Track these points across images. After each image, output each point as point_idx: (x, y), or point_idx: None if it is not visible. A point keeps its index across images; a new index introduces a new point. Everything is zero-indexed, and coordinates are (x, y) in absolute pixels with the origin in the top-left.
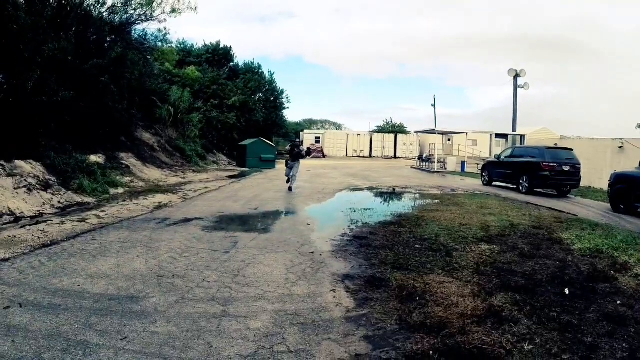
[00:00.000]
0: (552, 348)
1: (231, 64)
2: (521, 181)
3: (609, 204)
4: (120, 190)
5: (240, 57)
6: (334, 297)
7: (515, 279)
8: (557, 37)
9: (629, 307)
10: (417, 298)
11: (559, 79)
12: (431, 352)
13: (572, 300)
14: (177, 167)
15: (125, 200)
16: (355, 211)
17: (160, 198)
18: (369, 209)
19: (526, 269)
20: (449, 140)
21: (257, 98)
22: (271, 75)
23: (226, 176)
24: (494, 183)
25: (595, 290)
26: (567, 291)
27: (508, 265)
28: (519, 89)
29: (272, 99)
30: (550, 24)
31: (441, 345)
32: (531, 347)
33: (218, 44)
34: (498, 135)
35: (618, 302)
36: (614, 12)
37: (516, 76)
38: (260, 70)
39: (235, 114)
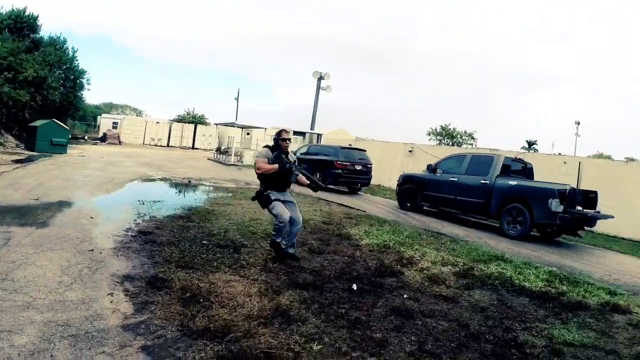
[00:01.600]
0: (342, 346)
1: (35, 35)
2: (315, 178)
3: (396, 202)
4: None
5: (47, 30)
6: (111, 302)
7: (304, 276)
8: (365, 47)
9: (415, 300)
10: (202, 300)
11: (361, 86)
12: None
13: (360, 295)
14: None
15: None
16: (144, 203)
17: None
18: (159, 201)
19: (315, 265)
20: (248, 134)
21: (56, 76)
22: (74, 52)
23: (11, 160)
24: None
25: (383, 285)
26: (355, 287)
27: (297, 261)
28: (322, 91)
29: (72, 77)
30: (360, 35)
31: (226, 351)
32: (320, 347)
33: (24, 10)
34: (296, 133)
35: (405, 295)
36: (421, 35)
37: (320, 78)
38: (64, 46)
39: (29, 90)
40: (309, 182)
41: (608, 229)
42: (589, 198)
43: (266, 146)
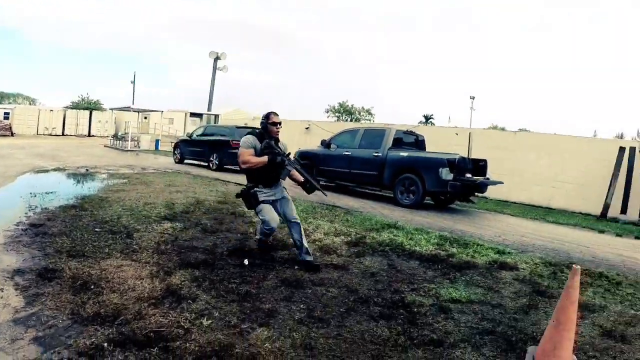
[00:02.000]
0: (232, 319)
1: None
2: (211, 158)
3: None
4: None
5: None
6: (1, 297)
7: (196, 255)
8: (264, 30)
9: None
10: (92, 287)
11: (260, 67)
12: (105, 344)
13: (251, 270)
14: None
15: None
16: (35, 196)
17: None
18: (51, 192)
19: (208, 244)
20: (145, 118)
21: None
22: None
23: None
24: (186, 161)
25: (274, 258)
26: (246, 262)
27: (190, 241)
28: (219, 72)
29: None
30: (259, 17)
31: (116, 334)
32: (210, 321)
33: None
34: (193, 114)
35: (296, 267)
36: (328, 28)
37: (216, 58)
38: None
39: None
40: (303, 180)
41: (500, 194)
42: (479, 166)
43: (251, 132)
